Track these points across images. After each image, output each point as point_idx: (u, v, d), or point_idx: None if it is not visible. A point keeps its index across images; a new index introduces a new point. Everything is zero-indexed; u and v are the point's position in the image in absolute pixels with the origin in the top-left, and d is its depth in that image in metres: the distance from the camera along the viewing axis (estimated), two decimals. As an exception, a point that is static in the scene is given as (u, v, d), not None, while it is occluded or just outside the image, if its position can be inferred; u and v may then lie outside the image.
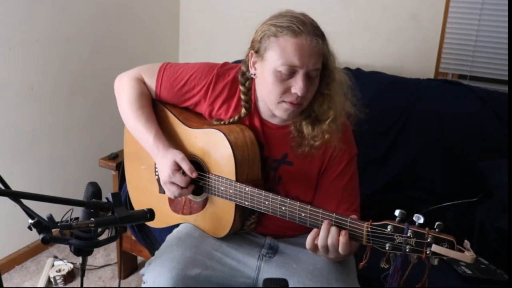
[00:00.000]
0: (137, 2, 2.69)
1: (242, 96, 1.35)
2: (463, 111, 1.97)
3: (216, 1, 2.82)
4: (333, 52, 1.29)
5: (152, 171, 1.50)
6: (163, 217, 1.50)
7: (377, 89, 2.13)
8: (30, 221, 0.92)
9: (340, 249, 1.11)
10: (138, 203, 1.62)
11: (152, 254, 1.38)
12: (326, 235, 1.12)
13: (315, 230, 1.15)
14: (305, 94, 1.22)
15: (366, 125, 1.37)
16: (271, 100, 1.28)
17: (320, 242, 1.13)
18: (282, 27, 1.20)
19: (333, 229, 1.12)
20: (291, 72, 1.21)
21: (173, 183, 1.31)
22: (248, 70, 1.33)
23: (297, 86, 1.20)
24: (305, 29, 1.19)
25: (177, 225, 1.47)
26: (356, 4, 2.41)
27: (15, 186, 0.91)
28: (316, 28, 1.22)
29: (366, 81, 2.19)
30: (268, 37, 1.22)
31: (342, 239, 1.11)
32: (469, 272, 1.55)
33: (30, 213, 0.92)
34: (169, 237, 1.40)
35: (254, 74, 1.31)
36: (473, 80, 2.27)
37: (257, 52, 1.26)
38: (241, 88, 1.36)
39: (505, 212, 1.67)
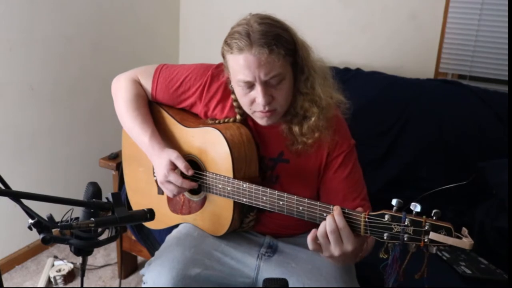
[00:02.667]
0: (137, 2, 2.69)
1: (234, 103, 1.37)
2: (463, 111, 1.98)
3: (216, 1, 2.82)
4: (306, 45, 1.26)
5: (150, 173, 1.50)
6: (163, 218, 1.50)
7: (377, 89, 2.13)
8: (30, 221, 0.93)
9: (342, 232, 1.07)
10: (137, 205, 1.62)
11: (152, 255, 1.38)
12: (324, 225, 1.09)
13: (313, 230, 1.13)
14: (269, 102, 1.22)
15: (358, 118, 1.38)
16: (246, 111, 1.31)
17: (318, 233, 1.09)
18: (230, 44, 1.21)
19: (328, 216, 1.09)
20: (250, 86, 1.23)
21: (169, 182, 1.32)
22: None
23: (259, 97, 1.22)
24: (248, 42, 1.17)
25: (176, 225, 1.48)
26: (356, 4, 2.41)
27: (15, 186, 0.91)
28: (264, 34, 1.17)
29: (366, 81, 2.19)
30: (226, 54, 1.25)
31: (338, 218, 1.07)
32: (469, 272, 1.55)
33: (30, 213, 0.92)
34: (169, 237, 1.41)
35: (232, 86, 1.33)
36: (473, 80, 2.27)
37: (226, 66, 1.29)
38: (232, 96, 1.37)
39: (505, 212, 1.68)
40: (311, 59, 1.28)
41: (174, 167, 1.32)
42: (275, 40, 1.18)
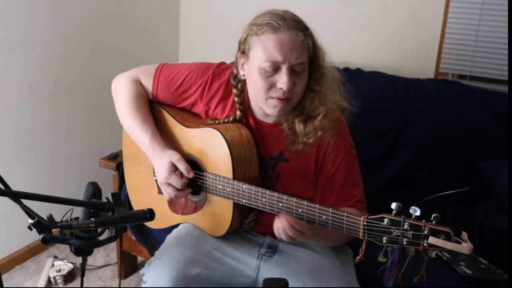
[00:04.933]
0: (137, 2, 2.69)
1: (236, 99, 1.37)
2: (463, 111, 1.97)
3: (216, 1, 2.82)
4: (322, 47, 1.29)
5: (150, 172, 1.50)
6: (163, 218, 1.50)
7: (377, 89, 2.13)
8: (30, 221, 0.92)
9: (290, 232, 1.17)
10: (138, 204, 1.62)
11: (152, 255, 1.38)
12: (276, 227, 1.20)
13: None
14: (290, 88, 1.22)
15: (359, 118, 1.38)
16: (259, 98, 1.29)
17: (275, 231, 1.21)
18: (262, 25, 1.22)
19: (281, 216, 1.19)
20: (275, 68, 1.22)
21: (169, 184, 1.32)
22: (238, 72, 1.34)
23: (282, 81, 1.21)
24: (285, 23, 1.20)
25: (176, 225, 1.48)
26: (356, 4, 2.41)
27: (15, 186, 0.91)
28: (298, 22, 1.23)
29: (366, 81, 2.19)
30: (251, 37, 1.25)
31: (281, 222, 1.18)
32: (469, 272, 1.55)
33: (30, 213, 0.92)
34: (169, 237, 1.41)
35: (243, 75, 1.32)
36: (473, 80, 2.27)
37: (243, 53, 1.29)
38: (234, 91, 1.37)
39: (505, 212, 1.67)
40: (326, 60, 1.31)
41: (174, 169, 1.32)
42: (307, 30, 1.24)
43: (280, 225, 1.18)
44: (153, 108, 1.49)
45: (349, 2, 2.42)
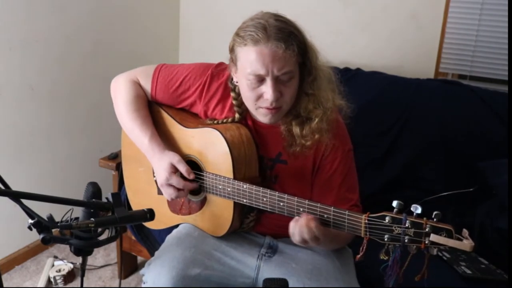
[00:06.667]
0: (137, 2, 2.69)
1: (234, 102, 1.37)
2: (463, 111, 1.97)
3: (216, 1, 2.82)
4: (314, 48, 1.28)
5: (150, 173, 1.50)
6: (162, 218, 1.50)
7: (377, 89, 2.13)
8: (30, 221, 0.93)
9: (305, 234, 1.13)
10: (137, 205, 1.62)
11: (152, 255, 1.38)
12: (294, 225, 1.16)
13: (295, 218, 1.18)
14: (277, 98, 1.22)
15: (359, 118, 1.37)
16: (250, 107, 1.30)
17: (290, 229, 1.17)
18: (244, 36, 1.21)
19: (303, 215, 1.15)
20: (259, 80, 1.22)
21: (170, 185, 1.32)
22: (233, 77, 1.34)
23: (267, 92, 1.21)
24: (265, 35, 1.18)
25: (176, 226, 1.48)
26: (356, 4, 2.41)
27: (15, 186, 0.91)
28: (280, 30, 1.19)
29: (366, 81, 2.19)
30: (236, 47, 1.24)
31: (302, 221, 1.13)
32: (469, 272, 1.55)
33: (30, 213, 0.92)
34: (169, 237, 1.41)
35: (236, 82, 1.32)
36: (473, 80, 2.27)
37: (233, 61, 1.29)
38: (232, 94, 1.37)
39: (505, 212, 1.67)
40: (319, 61, 1.29)
41: (175, 170, 1.32)
42: (291, 37, 1.19)
43: (297, 224, 1.15)
44: (152, 108, 1.49)
45: (349, 2, 2.42)
